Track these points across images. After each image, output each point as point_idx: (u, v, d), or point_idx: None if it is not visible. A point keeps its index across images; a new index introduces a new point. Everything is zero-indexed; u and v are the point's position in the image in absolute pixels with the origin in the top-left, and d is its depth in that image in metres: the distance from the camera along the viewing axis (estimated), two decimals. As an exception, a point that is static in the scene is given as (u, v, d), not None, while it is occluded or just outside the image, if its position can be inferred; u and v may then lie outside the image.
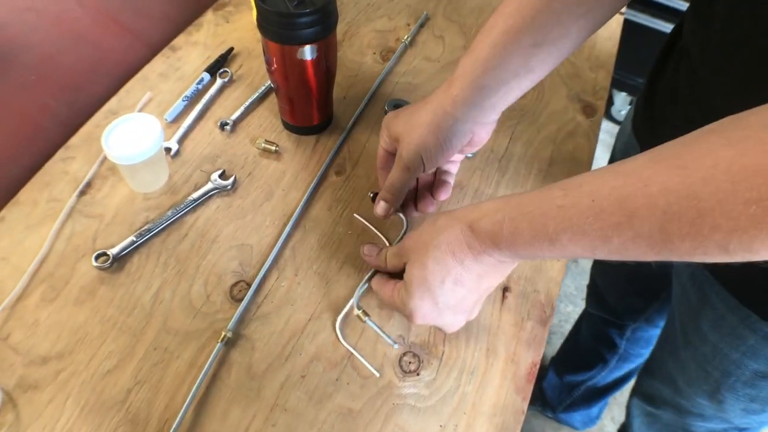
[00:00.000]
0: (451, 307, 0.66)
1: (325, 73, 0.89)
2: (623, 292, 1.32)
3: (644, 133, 0.93)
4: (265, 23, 0.82)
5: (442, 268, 0.64)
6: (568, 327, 1.98)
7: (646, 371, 1.24)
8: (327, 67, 0.89)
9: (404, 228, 0.84)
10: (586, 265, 2.12)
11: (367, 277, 0.79)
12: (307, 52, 0.84)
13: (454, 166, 0.84)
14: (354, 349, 0.76)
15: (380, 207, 0.81)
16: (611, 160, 1.14)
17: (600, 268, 1.38)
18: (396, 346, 0.77)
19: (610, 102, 2.62)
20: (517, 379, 0.76)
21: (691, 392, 1.00)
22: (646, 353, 1.43)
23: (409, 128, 0.76)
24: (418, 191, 0.84)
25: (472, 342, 0.78)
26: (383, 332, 0.77)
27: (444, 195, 0.82)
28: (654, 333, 1.36)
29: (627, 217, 0.49)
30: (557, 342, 1.93)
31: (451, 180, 0.84)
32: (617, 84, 2.48)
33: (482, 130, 0.76)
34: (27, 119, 0.97)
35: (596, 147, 1.01)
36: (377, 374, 0.75)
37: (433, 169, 0.79)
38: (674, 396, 1.08)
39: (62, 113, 1.00)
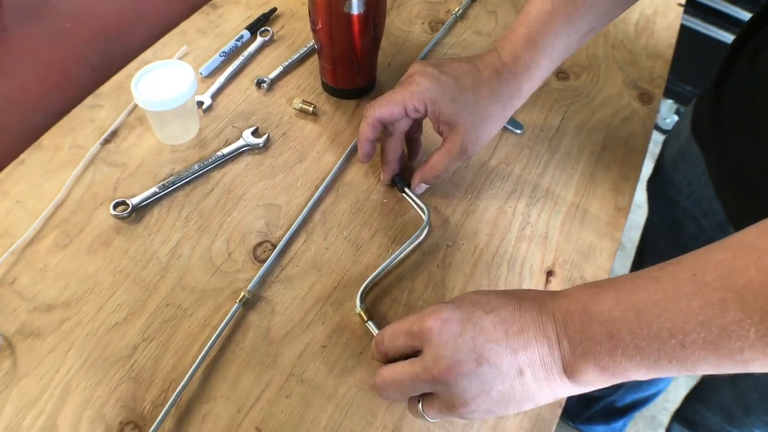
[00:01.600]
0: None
1: (372, 31, 0.84)
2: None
3: (709, 139, 0.87)
4: (312, -28, 0.77)
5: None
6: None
7: (694, 397, 1.16)
8: (374, 25, 0.83)
9: (425, 220, 0.77)
10: (618, 272, 2.04)
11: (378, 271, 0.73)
12: (355, 6, 0.78)
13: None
14: (376, 325, 0.70)
15: (420, 189, 0.80)
16: (658, 168, 1.07)
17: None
18: None
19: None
20: (557, 370, 0.69)
21: (748, 422, 0.93)
22: (669, 378, 1.36)
23: (475, 120, 0.72)
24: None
25: (510, 326, 0.71)
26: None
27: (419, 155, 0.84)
28: None
29: (736, 293, 0.41)
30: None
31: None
32: (664, 91, 2.39)
33: None
34: (58, 66, 0.94)
35: (651, 136, 0.94)
36: None
37: None
38: (724, 424, 1.01)
39: (95, 62, 0.96)
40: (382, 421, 0.64)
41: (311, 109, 0.88)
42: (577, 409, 1.72)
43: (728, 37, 2.11)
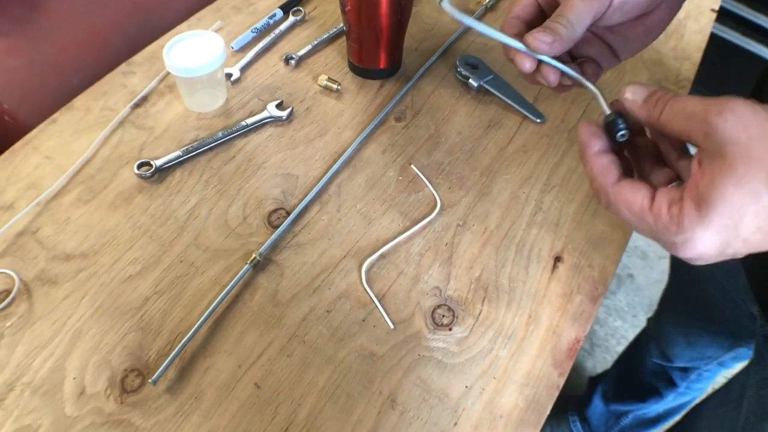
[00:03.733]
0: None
1: (399, 13, 0.85)
2: (695, 338, 1.21)
3: None
4: (344, -46, 0.79)
5: None
6: (613, 342, 1.89)
7: None
8: (401, 7, 0.85)
9: (438, 200, 0.77)
10: (641, 282, 2.03)
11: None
12: (383, -12, 0.80)
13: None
14: (378, 296, 0.71)
15: (541, 41, 0.54)
16: None
17: (669, 312, 1.28)
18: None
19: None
20: (557, 353, 0.70)
21: None
22: (704, 387, 1.34)
23: None
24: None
25: (514, 306, 0.72)
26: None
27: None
28: (721, 372, 1.26)
29: None
30: (600, 355, 1.85)
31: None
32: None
33: None
34: (96, 34, 0.97)
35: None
36: (392, 326, 0.70)
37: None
38: None
39: (131, 32, 0.99)
40: (378, 388, 0.66)
41: (336, 86, 0.90)
42: (605, 424, 1.69)
43: (761, 49, 2.08)
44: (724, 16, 2.07)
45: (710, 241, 0.41)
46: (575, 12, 0.53)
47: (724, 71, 1.66)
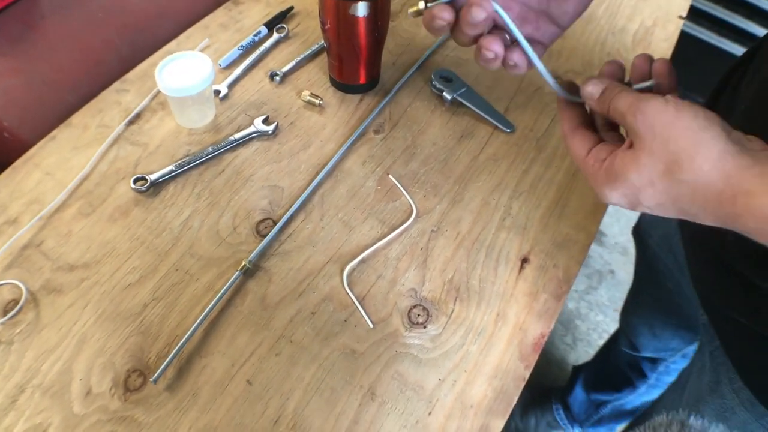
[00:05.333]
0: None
1: (376, 32, 0.91)
2: (659, 330, 1.28)
3: None
4: (323, -22, 0.84)
5: (663, 202, 0.51)
6: (595, 336, 1.95)
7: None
8: (378, 27, 0.90)
9: (414, 207, 0.84)
10: (622, 277, 2.09)
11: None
12: (360, 9, 0.86)
13: None
14: (359, 298, 0.78)
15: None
16: None
17: (633, 305, 1.35)
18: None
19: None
20: (523, 347, 0.76)
21: None
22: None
23: None
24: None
25: (483, 305, 0.79)
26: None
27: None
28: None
29: None
30: (582, 349, 1.91)
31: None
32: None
33: None
34: (90, 52, 1.02)
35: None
36: (371, 325, 0.76)
37: None
38: None
39: (124, 50, 1.05)
40: (359, 382, 0.72)
41: (318, 101, 0.96)
42: (586, 412, 1.76)
43: (731, 46, 2.15)
44: (695, 14, 2.13)
45: (616, 200, 0.53)
46: None
47: (696, 69, 1.72)
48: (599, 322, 1.99)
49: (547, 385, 1.76)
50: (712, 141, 0.47)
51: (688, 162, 0.48)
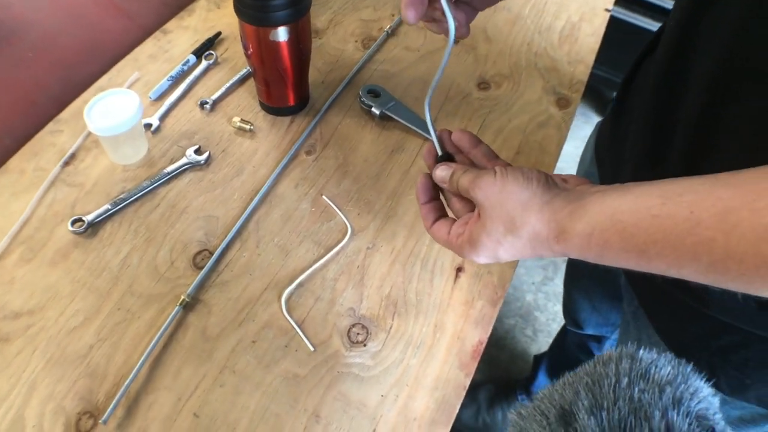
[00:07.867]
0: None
1: (299, 55, 0.93)
2: (597, 302, 1.32)
3: (606, 165, 0.94)
4: (240, 6, 0.86)
5: (516, 252, 0.59)
6: (555, 326, 1.98)
7: None
8: (300, 50, 0.92)
9: (349, 226, 0.86)
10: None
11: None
12: (281, 34, 0.88)
13: None
14: (298, 322, 0.80)
15: None
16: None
17: (573, 277, 1.39)
18: None
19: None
20: (462, 355, 0.79)
21: None
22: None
23: None
24: None
25: (421, 318, 0.81)
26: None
27: None
28: None
29: (724, 234, 0.43)
30: (543, 340, 1.94)
31: None
32: (604, 82, 2.43)
33: None
34: (22, 94, 1.03)
35: (566, 138, 1.03)
36: (312, 348, 0.79)
37: None
38: None
39: (56, 89, 1.05)
40: (303, 405, 0.74)
41: (248, 127, 0.98)
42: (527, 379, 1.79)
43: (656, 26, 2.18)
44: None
45: (483, 260, 0.61)
46: None
47: (623, 50, 1.74)
48: (557, 311, 2.02)
49: (512, 378, 1.80)
50: (533, 198, 0.57)
51: (520, 219, 0.56)
